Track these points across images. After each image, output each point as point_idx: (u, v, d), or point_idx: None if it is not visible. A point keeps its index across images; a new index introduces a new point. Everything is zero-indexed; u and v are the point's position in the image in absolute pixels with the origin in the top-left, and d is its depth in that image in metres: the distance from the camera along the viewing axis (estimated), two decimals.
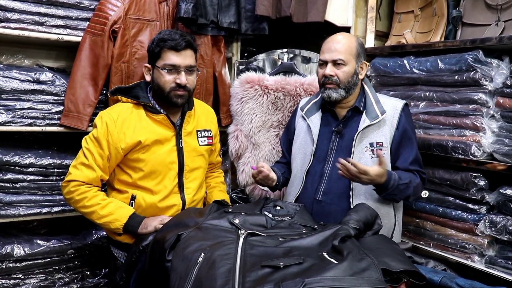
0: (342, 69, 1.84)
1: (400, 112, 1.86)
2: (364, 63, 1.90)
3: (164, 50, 1.83)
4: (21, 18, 2.10)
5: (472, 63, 1.93)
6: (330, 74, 1.84)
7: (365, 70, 1.91)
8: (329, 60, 1.85)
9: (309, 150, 1.95)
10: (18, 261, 2.21)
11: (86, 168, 1.81)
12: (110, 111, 1.87)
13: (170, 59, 1.82)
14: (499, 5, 2.01)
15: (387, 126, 1.85)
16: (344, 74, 1.84)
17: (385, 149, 1.83)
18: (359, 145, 1.84)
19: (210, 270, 1.24)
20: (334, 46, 1.85)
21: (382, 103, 1.87)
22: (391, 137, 1.85)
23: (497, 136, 1.92)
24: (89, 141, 1.83)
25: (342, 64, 1.84)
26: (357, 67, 1.87)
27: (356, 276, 1.13)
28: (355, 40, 1.90)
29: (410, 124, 1.90)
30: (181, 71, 1.83)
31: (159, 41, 1.83)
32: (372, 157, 1.83)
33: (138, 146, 1.83)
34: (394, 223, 1.92)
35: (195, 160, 1.96)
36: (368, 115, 1.85)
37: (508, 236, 1.85)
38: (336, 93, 1.85)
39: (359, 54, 1.87)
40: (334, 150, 1.89)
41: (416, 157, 1.88)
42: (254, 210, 1.68)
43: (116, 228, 1.80)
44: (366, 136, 1.84)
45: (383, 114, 1.83)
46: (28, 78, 2.14)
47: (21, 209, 2.18)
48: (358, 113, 1.89)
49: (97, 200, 1.80)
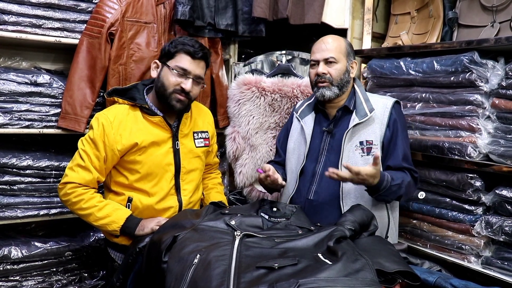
0: (334, 67, 1.87)
1: (390, 109, 1.87)
2: (354, 62, 1.94)
3: (180, 53, 1.84)
4: (19, 20, 2.11)
5: (468, 64, 1.93)
6: (323, 72, 1.87)
7: (355, 68, 1.95)
8: (321, 59, 1.88)
9: (303, 150, 1.97)
10: (15, 263, 2.21)
11: (82, 170, 1.81)
12: (107, 112, 1.87)
13: (183, 62, 1.84)
14: (495, 7, 2.02)
15: (377, 124, 1.86)
16: (336, 72, 1.87)
17: (375, 147, 1.84)
18: (348, 144, 1.85)
19: (205, 271, 1.24)
20: (324, 46, 1.89)
21: (372, 102, 1.89)
22: (381, 135, 1.85)
23: (492, 137, 1.93)
24: (85, 142, 1.83)
25: (333, 62, 1.87)
26: (348, 65, 1.90)
27: (350, 277, 1.14)
28: (343, 40, 1.95)
29: (401, 121, 1.90)
30: (189, 78, 1.85)
31: (179, 43, 1.85)
32: (362, 155, 1.84)
33: (135, 148, 1.83)
34: (387, 223, 1.91)
35: (191, 161, 1.97)
36: (358, 114, 1.87)
37: (504, 236, 1.85)
38: (329, 91, 1.87)
39: (348, 53, 1.92)
40: (325, 150, 1.91)
41: (407, 155, 1.87)
42: (250, 212, 1.68)
43: (113, 230, 1.80)
44: (356, 134, 1.86)
45: (371, 112, 1.85)
46: (26, 80, 2.15)
47: (19, 211, 2.18)
48: (348, 112, 1.91)
49: (94, 202, 1.80)
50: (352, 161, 1.82)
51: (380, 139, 1.85)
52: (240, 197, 2.68)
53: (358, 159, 1.83)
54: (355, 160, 1.83)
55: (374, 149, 1.83)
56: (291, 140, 2.05)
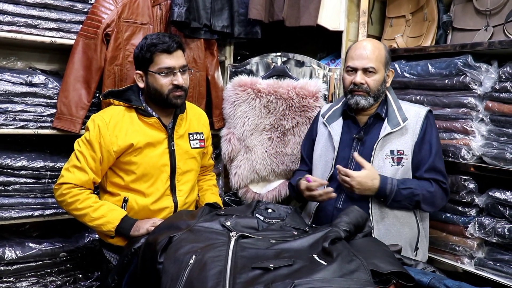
0: (372, 77, 1.82)
1: (423, 119, 1.83)
2: (391, 71, 1.89)
3: (157, 54, 1.83)
4: (14, 20, 2.11)
5: (462, 68, 1.95)
6: (361, 82, 1.82)
7: (391, 77, 1.90)
8: (360, 68, 1.83)
9: (331, 157, 1.93)
10: (9, 264, 2.19)
11: (78, 171, 1.81)
12: (103, 114, 1.88)
13: (164, 62, 1.83)
14: (488, 11, 2.04)
15: (409, 134, 1.82)
16: (374, 82, 1.82)
17: (405, 158, 1.81)
18: (379, 153, 1.82)
19: (201, 272, 1.24)
20: (365, 53, 1.83)
21: (405, 110, 1.85)
22: (413, 145, 1.82)
23: (486, 140, 1.95)
24: (82, 144, 1.84)
25: (373, 72, 1.82)
26: (385, 75, 1.86)
27: (345, 277, 1.14)
28: (383, 47, 1.89)
29: (432, 131, 1.85)
30: (177, 72, 1.85)
31: (150, 46, 1.83)
32: (392, 165, 1.80)
33: (130, 148, 1.83)
34: (417, 232, 1.88)
35: (187, 162, 1.97)
36: (390, 123, 1.82)
37: (497, 238, 1.87)
38: (365, 100, 1.83)
39: (387, 62, 1.87)
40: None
41: (433, 165, 1.81)
42: (245, 213, 1.68)
43: (108, 231, 1.81)
44: (387, 143, 1.82)
45: (404, 122, 1.81)
46: (21, 80, 2.14)
47: (13, 212, 2.18)
48: (379, 120, 1.87)
49: (89, 202, 1.80)
50: (383, 170, 1.80)
51: (411, 149, 1.82)
52: (235, 198, 2.69)
53: (388, 169, 1.81)
54: (386, 169, 1.80)
55: (405, 160, 1.80)
56: (317, 146, 2.01)
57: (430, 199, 1.80)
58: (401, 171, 1.81)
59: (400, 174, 1.81)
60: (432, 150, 1.82)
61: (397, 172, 1.80)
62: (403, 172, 1.81)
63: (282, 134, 2.45)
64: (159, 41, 1.83)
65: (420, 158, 1.82)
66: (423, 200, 1.79)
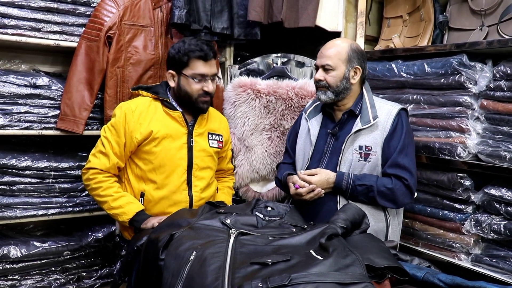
0: (330, 74, 1.89)
1: (394, 117, 1.87)
2: (357, 68, 1.91)
3: (193, 60, 1.91)
4: (18, 24, 2.15)
5: (457, 67, 1.98)
6: (319, 79, 1.91)
7: (359, 75, 1.92)
8: (319, 65, 1.93)
9: (308, 150, 2.00)
10: (14, 262, 2.24)
11: (103, 156, 1.91)
12: (130, 102, 1.98)
13: (199, 69, 1.92)
14: (483, 11, 2.07)
15: (379, 131, 1.87)
16: (332, 79, 1.89)
17: (373, 154, 1.86)
18: (349, 148, 1.88)
19: (201, 267, 1.28)
20: (324, 52, 1.92)
21: (378, 107, 1.90)
22: (382, 142, 1.87)
23: (481, 138, 1.98)
24: (107, 129, 1.94)
25: (330, 69, 1.89)
26: (347, 72, 1.89)
27: (340, 271, 1.17)
28: (348, 45, 1.92)
29: (403, 129, 1.87)
30: (208, 80, 1.94)
31: (188, 51, 1.91)
32: (359, 160, 1.87)
33: (150, 136, 1.91)
34: (386, 226, 1.91)
35: (204, 159, 2.04)
36: (362, 119, 1.89)
37: (493, 234, 1.90)
38: (324, 95, 1.91)
39: (350, 59, 1.89)
40: (328, 151, 1.95)
41: (396, 162, 1.84)
42: (245, 211, 1.71)
43: (122, 221, 1.91)
44: (357, 139, 1.88)
45: (375, 119, 1.86)
46: (25, 82, 2.19)
47: (18, 211, 2.22)
48: (354, 116, 1.93)
49: (111, 191, 1.91)
50: (350, 165, 1.87)
51: (380, 146, 1.87)
52: (236, 197, 2.72)
53: (356, 163, 1.87)
54: (353, 164, 1.87)
55: (372, 156, 1.86)
56: (299, 140, 2.09)
57: (389, 196, 1.83)
58: (368, 167, 1.87)
59: (367, 169, 1.87)
60: (397, 146, 1.86)
61: (364, 167, 1.86)
62: (370, 167, 1.87)
63: (281, 133, 2.49)
64: (197, 48, 1.91)
65: (388, 155, 1.87)
66: (379, 196, 1.83)
